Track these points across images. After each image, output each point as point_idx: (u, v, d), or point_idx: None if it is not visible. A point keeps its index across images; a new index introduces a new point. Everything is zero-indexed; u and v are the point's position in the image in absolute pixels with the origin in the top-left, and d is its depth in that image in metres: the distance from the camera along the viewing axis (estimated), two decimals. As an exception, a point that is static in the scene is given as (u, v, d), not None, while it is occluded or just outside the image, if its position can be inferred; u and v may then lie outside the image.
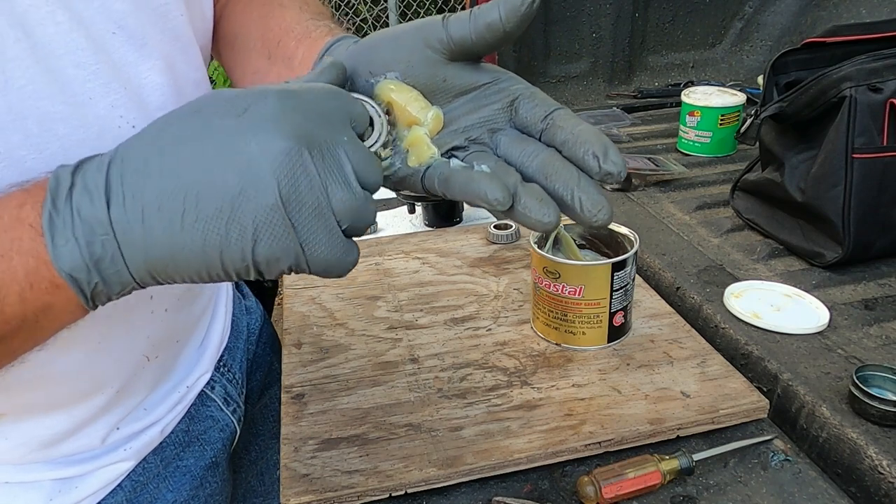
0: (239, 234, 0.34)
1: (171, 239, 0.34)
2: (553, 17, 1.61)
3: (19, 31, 0.40)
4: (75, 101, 0.43)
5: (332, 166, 0.36)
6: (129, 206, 0.34)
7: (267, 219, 0.34)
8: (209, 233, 0.34)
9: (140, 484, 0.60)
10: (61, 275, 0.34)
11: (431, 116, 0.42)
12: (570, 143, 0.40)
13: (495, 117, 0.42)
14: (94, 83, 0.44)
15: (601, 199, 0.39)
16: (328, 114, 0.37)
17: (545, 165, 0.40)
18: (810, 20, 1.59)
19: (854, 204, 0.83)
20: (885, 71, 0.83)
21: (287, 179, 0.34)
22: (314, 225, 0.35)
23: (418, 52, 0.42)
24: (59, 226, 0.34)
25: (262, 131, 0.35)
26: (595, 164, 0.39)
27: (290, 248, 0.35)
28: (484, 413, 0.62)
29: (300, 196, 0.35)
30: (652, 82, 1.71)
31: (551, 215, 0.39)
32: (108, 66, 0.45)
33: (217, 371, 0.69)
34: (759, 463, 0.58)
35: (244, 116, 0.35)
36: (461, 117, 0.43)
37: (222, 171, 0.34)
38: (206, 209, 0.34)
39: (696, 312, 0.83)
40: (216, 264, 0.35)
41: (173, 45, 0.50)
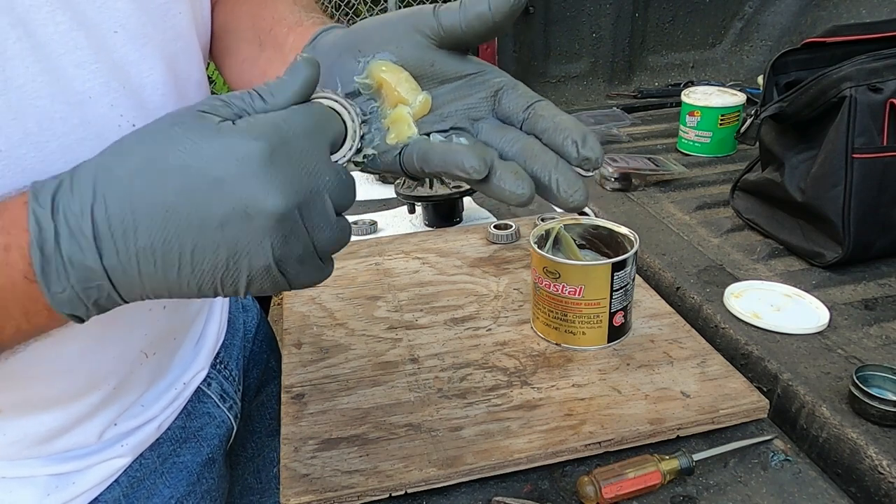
0: (233, 282, 0.36)
1: (167, 285, 0.36)
2: (553, 17, 1.61)
3: (20, 29, 0.40)
4: (75, 100, 0.43)
5: (318, 215, 0.37)
6: (122, 257, 0.34)
7: (259, 273, 0.36)
8: (204, 282, 0.36)
9: (137, 480, 0.60)
10: (60, 313, 0.36)
11: (420, 100, 0.43)
12: (551, 130, 0.41)
13: (478, 106, 0.43)
14: (93, 82, 0.44)
15: (577, 181, 0.40)
16: (314, 155, 0.37)
17: (524, 150, 0.41)
18: (810, 20, 1.59)
19: (854, 204, 0.83)
20: (885, 71, 0.83)
21: (280, 242, 0.35)
22: (301, 268, 0.37)
23: (408, 36, 0.43)
24: (54, 276, 0.34)
25: (256, 189, 0.34)
26: (573, 150, 0.40)
27: (279, 286, 0.38)
28: (484, 413, 0.62)
29: (291, 252, 0.36)
30: (652, 82, 1.71)
31: (525, 188, 0.40)
32: (108, 66, 0.45)
33: (213, 368, 0.69)
34: (759, 463, 0.58)
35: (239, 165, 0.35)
36: (445, 104, 0.44)
37: (218, 229, 0.34)
38: (200, 265, 0.35)
39: (696, 312, 0.83)
40: (209, 295, 0.37)
41: (174, 45, 0.50)
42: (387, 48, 0.43)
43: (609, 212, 1.08)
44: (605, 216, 1.06)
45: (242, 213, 0.34)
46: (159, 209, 0.34)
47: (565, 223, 0.76)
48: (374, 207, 1.14)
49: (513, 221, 0.96)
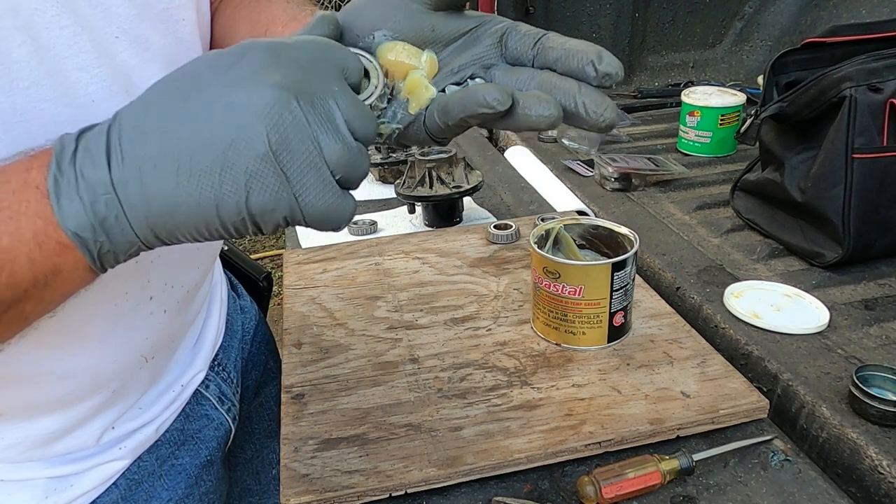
0: (232, 186, 0.35)
1: (168, 195, 0.35)
2: (553, 17, 1.62)
3: (25, 33, 0.40)
4: (79, 104, 0.43)
5: (322, 116, 0.36)
6: (127, 166, 0.35)
7: (258, 169, 0.35)
8: (203, 187, 0.35)
9: (135, 482, 0.60)
10: (67, 234, 0.35)
11: (425, 59, 0.43)
12: (564, 58, 0.41)
13: (487, 53, 0.43)
14: (96, 86, 0.44)
15: (604, 100, 0.40)
16: (318, 64, 0.37)
17: (543, 84, 0.41)
18: (810, 20, 1.59)
19: (854, 204, 0.83)
20: (885, 71, 0.83)
21: (276, 128, 0.34)
22: (307, 174, 0.36)
23: (403, 6, 0.43)
24: (64, 187, 0.35)
25: (249, 82, 0.35)
26: (592, 70, 0.40)
27: (283, 199, 0.36)
28: (484, 413, 0.62)
29: (290, 145, 0.35)
30: (652, 82, 1.71)
31: (552, 109, 0.39)
32: (110, 70, 0.45)
33: (212, 370, 0.69)
34: (759, 463, 0.58)
35: (232, 70, 0.35)
36: (454, 60, 0.44)
37: (212, 124, 0.34)
38: (198, 164, 0.35)
39: (696, 312, 0.83)
40: (213, 218, 0.36)
41: (177, 49, 0.51)
42: (383, 25, 0.43)
43: (609, 212, 1.08)
44: (605, 216, 1.06)
45: (234, 103, 0.34)
46: (161, 117, 0.35)
47: (565, 223, 0.76)
48: (374, 207, 1.14)
49: (513, 221, 0.96)
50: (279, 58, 0.36)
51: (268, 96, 0.34)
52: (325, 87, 0.36)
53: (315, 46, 0.38)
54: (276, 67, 0.35)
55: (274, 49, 0.36)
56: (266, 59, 0.36)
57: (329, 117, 0.36)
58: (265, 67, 0.35)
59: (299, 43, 0.38)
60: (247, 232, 0.37)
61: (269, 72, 0.35)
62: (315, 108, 0.36)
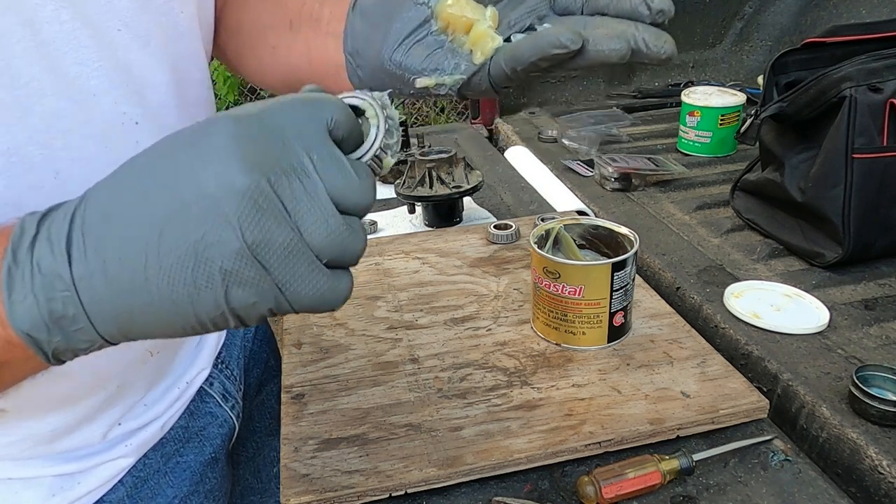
0: (207, 282, 0.32)
1: (137, 293, 0.32)
2: (553, 17, 1.61)
3: (26, 28, 0.40)
4: (80, 98, 0.43)
5: (301, 194, 0.33)
6: (90, 260, 0.32)
7: (234, 266, 0.32)
8: (175, 284, 0.32)
9: (141, 480, 0.60)
10: (18, 334, 0.32)
11: (489, 14, 0.45)
12: (615, 1, 0.43)
13: (538, 6, 0.46)
14: (97, 80, 0.44)
15: (662, 34, 0.42)
16: (297, 128, 0.34)
17: (598, 27, 0.43)
18: (810, 20, 1.59)
19: (854, 204, 0.83)
20: (885, 71, 0.83)
21: (250, 220, 0.32)
22: (289, 264, 0.33)
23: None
24: (18, 281, 0.32)
25: (215, 164, 0.32)
26: (644, 8, 0.42)
27: (266, 293, 0.33)
28: (484, 413, 0.62)
29: (267, 235, 0.32)
30: (652, 82, 1.71)
31: (621, 43, 0.42)
32: (111, 64, 0.45)
33: (215, 367, 0.69)
34: (759, 463, 0.58)
35: (197, 148, 0.32)
36: (509, 13, 0.46)
37: (182, 214, 0.31)
38: (167, 258, 0.32)
39: (696, 312, 0.83)
40: (189, 316, 0.33)
41: (177, 45, 0.51)
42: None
43: (609, 212, 1.08)
44: (605, 216, 1.06)
45: (204, 191, 0.31)
46: (128, 203, 0.32)
47: (565, 223, 0.76)
48: (374, 207, 1.14)
49: (513, 221, 0.96)
50: (247, 131, 0.33)
51: (237, 182, 0.31)
52: (304, 158, 0.33)
53: (291, 108, 0.34)
54: (242, 144, 0.32)
55: (241, 122, 0.33)
56: (231, 134, 0.32)
57: (310, 194, 0.33)
58: (230, 145, 0.32)
59: (273, 107, 0.34)
60: (228, 326, 0.34)
61: (236, 150, 0.32)
62: (293, 187, 0.33)
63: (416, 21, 0.46)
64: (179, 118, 0.50)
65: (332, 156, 0.34)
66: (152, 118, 0.47)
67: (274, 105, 0.34)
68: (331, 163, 0.34)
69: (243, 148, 0.32)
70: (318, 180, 0.33)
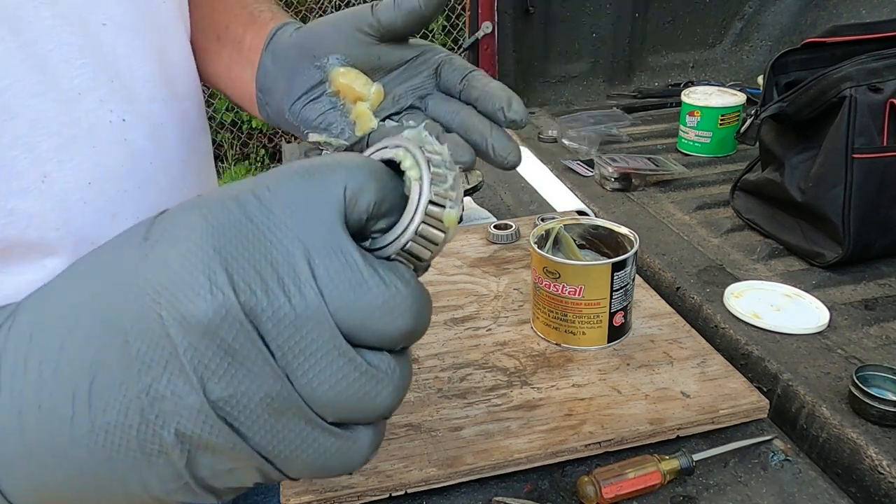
0: (159, 448, 0.24)
1: (61, 455, 0.24)
2: (553, 17, 1.61)
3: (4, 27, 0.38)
4: (64, 98, 0.42)
5: (290, 322, 0.23)
6: (4, 407, 0.24)
7: (195, 427, 0.23)
8: (114, 447, 0.24)
9: None
10: None
11: (374, 91, 0.48)
12: (482, 99, 0.46)
13: (423, 84, 0.48)
14: (82, 78, 0.42)
15: (510, 145, 0.45)
16: (291, 218, 0.24)
17: (464, 120, 0.46)
18: (810, 20, 1.59)
19: (854, 204, 0.83)
20: (885, 71, 0.83)
21: (213, 366, 0.23)
22: (273, 427, 0.24)
23: (353, 36, 0.47)
24: None
25: (169, 279, 0.23)
26: (501, 116, 0.45)
27: (245, 460, 0.24)
28: (484, 413, 0.62)
29: (239, 388, 0.23)
30: (652, 82, 1.71)
31: (466, 156, 0.44)
32: (96, 60, 0.43)
33: None
34: (759, 463, 0.58)
35: (149, 254, 0.24)
36: (395, 88, 0.48)
37: (119, 353, 0.23)
38: (103, 414, 0.24)
39: (696, 312, 0.83)
40: (137, 491, 0.25)
41: (163, 35, 0.49)
42: (336, 51, 0.47)
43: (609, 212, 1.08)
44: (605, 216, 1.06)
45: (149, 322, 0.23)
46: (57, 333, 0.24)
47: (565, 223, 0.76)
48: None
49: (513, 221, 0.96)
50: (220, 229, 0.24)
51: (197, 308, 0.23)
52: (299, 264, 0.23)
53: (287, 185, 0.25)
54: (211, 248, 0.23)
55: (213, 214, 0.24)
56: (198, 236, 0.24)
57: (305, 322, 0.23)
58: (196, 253, 0.23)
59: (263, 184, 0.25)
60: (200, 501, 0.26)
61: (201, 259, 0.23)
62: (279, 312, 0.23)
63: (313, 80, 0.48)
64: (168, 113, 0.49)
65: (339, 257, 0.24)
66: (141, 115, 0.46)
67: (266, 181, 0.25)
68: (339, 268, 0.24)
69: (209, 256, 0.23)
70: (318, 298, 0.23)
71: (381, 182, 0.26)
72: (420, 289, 0.25)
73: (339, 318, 0.23)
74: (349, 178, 0.25)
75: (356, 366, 0.24)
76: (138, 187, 0.45)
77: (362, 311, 0.24)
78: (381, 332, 0.24)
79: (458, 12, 3.25)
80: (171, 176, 0.48)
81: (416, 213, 0.26)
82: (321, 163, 0.26)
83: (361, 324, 0.24)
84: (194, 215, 0.24)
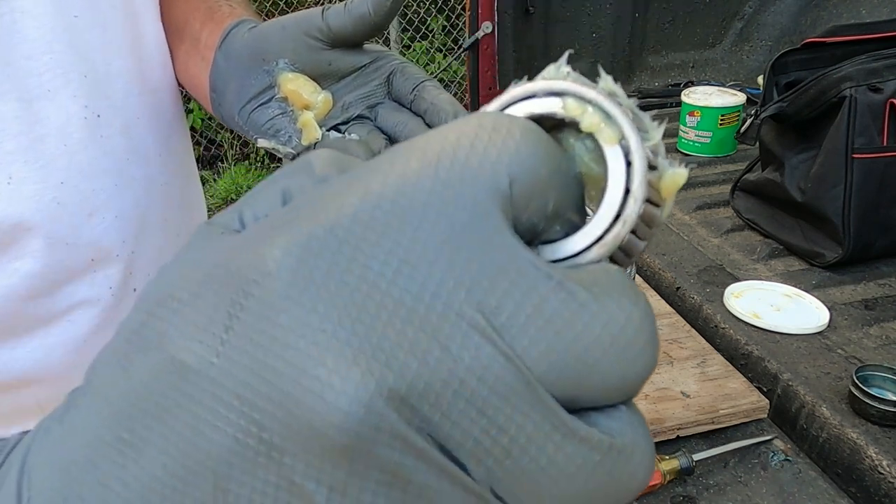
0: None
1: None
2: (553, 17, 1.62)
3: None
4: (30, 97, 0.40)
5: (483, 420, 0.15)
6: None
7: None
8: None
9: None
10: None
11: (320, 100, 0.47)
12: (431, 112, 0.44)
13: (374, 92, 0.47)
14: (50, 74, 0.41)
15: None
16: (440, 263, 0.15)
17: (412, 132, 0.45)
18: (810, 20, 1.59)
19: (854, 204, 0.83)
20: (885, 71, 0.83)
21: None
22: None
23: (302, 41, 0.45)
24: None
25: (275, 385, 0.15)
26: None
27: None
28: (484, 413, 0.62)
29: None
30: (652, 82, 1.72)
31: None
32: (69, 55, 0.42)
33: None
34: (759, 463, 0.58)
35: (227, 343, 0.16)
36: (345, 95, 0.46)
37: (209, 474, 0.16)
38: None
39: (696, 312, 0.83)
40: None
41: (137, 24, 0.48)
42: (286, 56, 0.45)
43: (609, 212, 1.08)
44: (605, 216, 1.06)
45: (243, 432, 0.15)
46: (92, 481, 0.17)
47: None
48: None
49: (513, 221, 0.96)
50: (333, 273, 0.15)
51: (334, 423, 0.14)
52: (477, 323, 0.15)
53: (422, 203, 0.16)
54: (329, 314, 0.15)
55: (314, 248, 0.15)
56: (308, 292, 0.15)
57: (515, 396, 0.15)
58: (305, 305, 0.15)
59: (373, 205, 0.16)
60: None
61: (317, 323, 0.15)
62: (461, 411, 0.15)
63: (262, 84, 0.46)
64: (143, 106, 0.47)
65: (523, 284, 0.16)
66: (116, 110, 0.45)
67: (380, 190, 0.16)
68: (529, 301, 0.15)
69: (324, 318, 0.15)
70: (507, 356, 0.15)
71: (558, 162, 0.17)
72: (648, 303, 0.16)
73: (549, 379, 0.15)
74: (513, 164, 0.16)
75: (592, 445, 0.15)
76: (115, 184, 0.44)
77: (580, 358, 0.15)
78: (613, 382, 0.16)
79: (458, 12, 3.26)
80: (148, 172, 0.47)
81: (633, 190, 0.17)
82: (459, 138, 0.16)
83: (581, 377, 0.15)
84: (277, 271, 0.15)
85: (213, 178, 3.49)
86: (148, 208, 0.47)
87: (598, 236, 0.17)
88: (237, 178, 3.41)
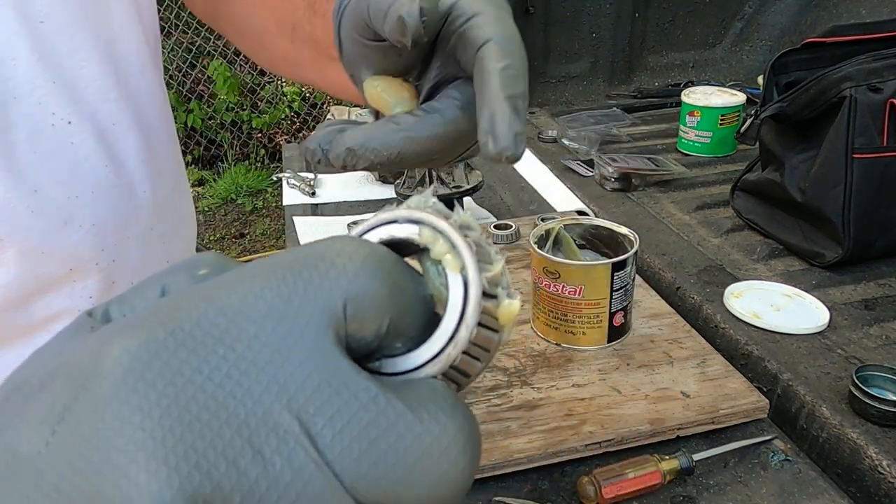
0: None
1: None
2: (553, 17, 1.61)
3: None
4: None
5: None
6: None
7: None
8: None
9: None
10: None
11: (406, 98, 0.43)
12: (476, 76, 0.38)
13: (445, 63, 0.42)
14: (16, 80, 0.39)
15: None
16: (267, 371, 0.16)
17: None
18: (810, 20, 1.59)
19: (854, 204, 0.83)
20: (885, 71, 0.83)
21: None
22: None
23: None
24: None
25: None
26: None
27: None
28: (484, 413, 0.62)
29: None
30: (652, 82, 1.71)
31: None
32: (33, 60, 0.40)
33: None
34: (759, 463, 0.58)
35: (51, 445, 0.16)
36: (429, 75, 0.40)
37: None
38: None
39: (696, 312, 0.83)
40: None
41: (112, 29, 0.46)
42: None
43: (609, 212, 1.08)
44: (605, 216, 1.06)
45: None
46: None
47: (565, 223, 0.76)
48: (374, 208, 1.14)
49: (513, 221, 0.96)
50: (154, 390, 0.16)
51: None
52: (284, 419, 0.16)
53: (259, 314, 0.17)
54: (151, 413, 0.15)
55: (147, 359, 0.16)
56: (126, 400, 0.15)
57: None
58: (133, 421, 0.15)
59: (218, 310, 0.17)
60: None
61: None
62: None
63: None
64: (121, 112, 0.45)
65: (343, 394, 0.16)
66: (88, 116, 0.43)
67: (224, 297, 0.17)
68: (345, 411, 0.16)
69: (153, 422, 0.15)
70: (318, 465, 0.16)
71: (396, 286, 0.18)
72: (472, 418, 0.17)
73: (360, 487, 0.16)
74: (351, 287, 0.17)
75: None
76: (91, 192, 0.42)
77: (392, 467, 0.16)
78: (422, 491, 0.16)
79: (458, 12, 3.25)
80: (128, 179, 0.45)
81: (466, 316, 0.18)
82: (306, 258, 0.17)
83: (393, 485, 0.16)
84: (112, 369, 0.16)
85: (213, 178, 3.49)
86: (129, 216, 0.45)
87: (433, 355, 0.18)
88: (237, 178, 3.41)
